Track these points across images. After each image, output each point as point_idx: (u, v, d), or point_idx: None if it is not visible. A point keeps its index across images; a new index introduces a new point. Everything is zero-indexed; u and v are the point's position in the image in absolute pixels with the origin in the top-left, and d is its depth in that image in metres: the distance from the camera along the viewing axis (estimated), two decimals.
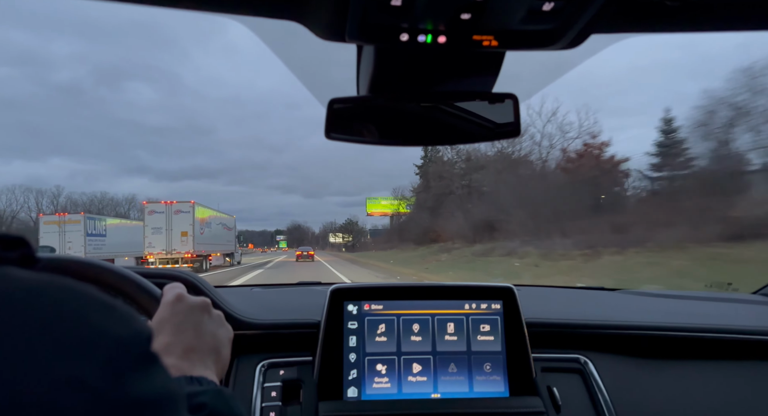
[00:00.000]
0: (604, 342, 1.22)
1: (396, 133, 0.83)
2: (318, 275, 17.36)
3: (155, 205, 22.38)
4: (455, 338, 1.10)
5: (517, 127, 0.80)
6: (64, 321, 0.30)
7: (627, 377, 1.17)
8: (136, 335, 0.34)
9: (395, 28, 0.59)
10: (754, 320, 1.38)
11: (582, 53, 0.69)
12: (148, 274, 0.86)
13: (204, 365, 0.65)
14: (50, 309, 0.30)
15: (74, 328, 0.30)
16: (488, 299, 1.14)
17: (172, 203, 22.36)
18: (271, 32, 0.80)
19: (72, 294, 0.33)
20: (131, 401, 0.30)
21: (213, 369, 0.66)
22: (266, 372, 1.09)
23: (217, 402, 0.55)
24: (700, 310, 1.53)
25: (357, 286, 1.13)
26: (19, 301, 0.30)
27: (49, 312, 0.30)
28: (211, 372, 0.65)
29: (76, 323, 0.31)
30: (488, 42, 0.61)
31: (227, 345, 0.72)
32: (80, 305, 0.32)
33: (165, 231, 21.93)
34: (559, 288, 2.03)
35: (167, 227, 22.01)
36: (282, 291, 1.71)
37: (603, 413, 1.08)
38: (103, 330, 0.32)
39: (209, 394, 0.56)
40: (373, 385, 1.07)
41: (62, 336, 0.29)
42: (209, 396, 0.55)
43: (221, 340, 0.71)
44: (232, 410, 0.56)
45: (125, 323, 0.34)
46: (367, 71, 0.74)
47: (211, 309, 0.72)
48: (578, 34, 0.61)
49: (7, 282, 0.31)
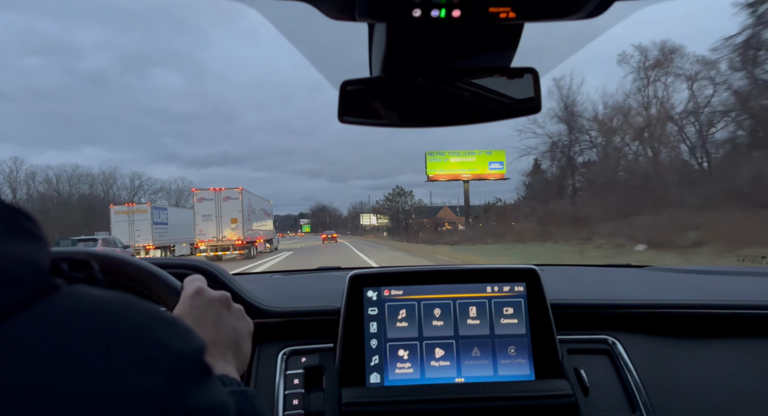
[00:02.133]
0: (632, 321, 1.20)
1: (411, 114, 0.80)
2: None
3: (204, 193, 22.62)
4: (478, 322, 1.09)
5: (538, 103, 0.77)
6: (132, 336, 0.33)
7: (657, 357, 1.14)
8: (194, 349, 0.37)
9: (407, 3, 0.56)
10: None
11: (604, 22, 0.65)
12: (166, 265, 0.86)
13: (224, 360, 0.65)
14: (119, 325, 0.33)
15: (141, 343, 0.33)
16: (511, 281, 1.12)
17: (220, 190, 22.60)
18: (281, 14, 0.78)
19: (137, 310, 0.35)
20: (191, 411, 0.34)
21: (233, 363, 0.66)
22: (288, 359, 1.09)
23: (241, 404, 0.54)
24: (732, 286, 1.48)
25: (376, 272, 1.12)
26: (92, 317, 0.33)
27: (119, 327, 0.33)
28: (231, 367, 0.65)
29: (142, 338, 0.34)
30: (505, 14, 0.58)
31: (248, 339, 0.72)
32: (145, 321, 0.35)
33: (215, 218, 22.23)
34: (584, 266, 1.99)
35: (217, 214, 22.29)
36: (302, 277, 1.71)
37: (633, 394, 1.06)
38: (166, 345, 0.35)
39: (234, 395, 0.55)
40: (396, 371, 1.06)
41: (131, 351, 0.32)
42: (234, 397, 0.55)
43: (242, 334, 0.70)
44: (257, 411, 0.56)
45: (184, 338, 0.37)
46: (380, 51, 0.72)
47: (231, 303, 0.71)
48: (600, 3, 0.58)
49: (81, 299, 0.34)
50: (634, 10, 0.69)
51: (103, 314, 0.33)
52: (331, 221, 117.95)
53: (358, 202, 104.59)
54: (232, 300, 0.73)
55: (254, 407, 0.56)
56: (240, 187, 22.76)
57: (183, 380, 0.34)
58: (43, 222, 0.37)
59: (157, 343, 0.34)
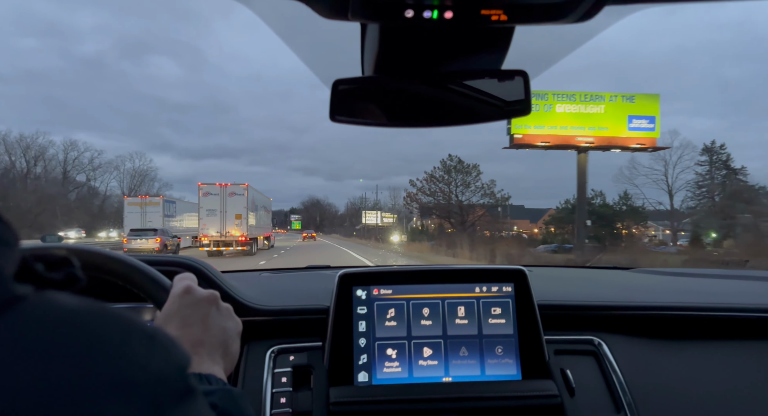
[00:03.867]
0: (618, 323, 1.21)
1: (403, 114, 0.81)
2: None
3: (210, 187, 22.71)
4: (466, 321, 1.10)
5: (528, 105, 0.77)
6: (108, 357, 0.29)
7: (642, 358, 1.16)
8: (177, 368, 0.34)
9: (400, 3, 0.56)
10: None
11: (595, 26, 0.66)
12: (155, 262, 0.86)
13: (212, 360, 0.65)
14: (93, 344, 0.29)
15: (118, 365, 0.29)
16: (499, 282, 1.12)
17: (226, 185, 22.71)
18: (273, 12, 0.78)
19: (114, 324, 0.32)
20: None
21: (221, 363, 0.66)
22: (276, 358, 1.09)
23: (227, 403, 0.55)
24: (716, 288, 1.50)
25: (366, 271, 1.13)
26: (60, 335, 0.28)
27: (92, 346, 0.29)
28: (219, 367, 0.65)
29: (119, 359, 0.30)
30: (497, 16, 0.58)
31: (236, 339, 0.72)
32: (123, 337, 0.31)
33: (219, 214, 22.35)
34: (572, 267, 2.01)
35: (221, 209, 22.42)
36: (291, 275, 1.71)
37: (618, 395, 1.07)
38: (146, 366, 0.31)
39: (219, 394, 0.56)
40: (384, 370, 1.06)
41: (107, 375, 0.28)
42: (219, 396, 0.55)
43: (230, 334, 0.70)
44: (242, 411, 0.56)
45: (166, 355, 0.34)
46: (372, 51, 0.72)
47: (219, 303, 0.71)
48: (591, 7, 0.58)
49: (49, 312, 0.30)
50: (624, 14, 0.70)
51: (75, 330, 0.29)
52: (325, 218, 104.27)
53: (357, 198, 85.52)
54: (221, 299, 0.72)
55: (239, 407, 0.56)
56: (246, 183, 22.87)
57: (164, 406, 0.30)
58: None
59: (137, 364, 0.30)
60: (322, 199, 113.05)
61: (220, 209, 22.37)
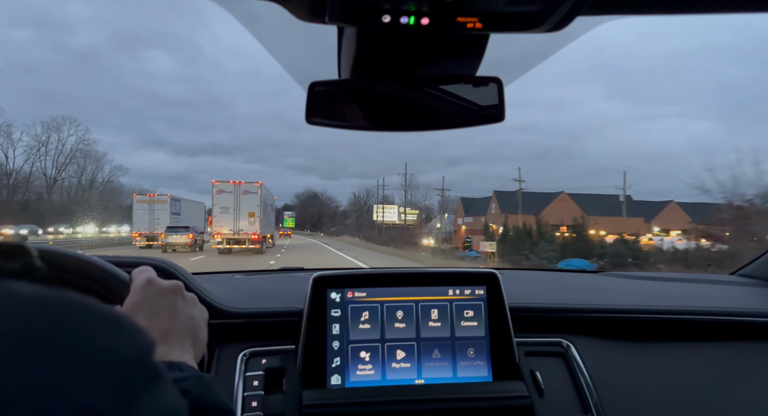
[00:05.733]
0: (586, 325, 1.24)
1: (378, 118, 0.81)
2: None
3: (224, 185, 22.83)
4: (439, 324, 1.10)
5: (502, 111, 0.79)
6: (73, 342, 0.29)
7: (609, 360, 1.19)
8: (144, 351, 0.34)
9: (377, 8, 0.57)
10: (732, 301, 1.41)
11: (566, 36, 0.68)
12: (118, 263, 0.84)
13: (182, 348, 0.64)
14: (57, 329, 0.29)
15: (84, 350, 0.29)
16: (472, 285, 1.14)
17: (240, 183, 22.84)
18: (250, 13, 0.78)
19: (77, 311, 0.31)
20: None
21: (191, 351, 0.66)
22: (248, 361, 1.08)
23: (200, 389, 0.54)
24: (682, 292, 1.55)
25: (340, 274, 1.12)
26: (23, 321, 0.28)
27: (57, 332, 0.29)
28: (189, 355, 0.65)
29: (85, 344, 0.29)
30: (472, 24, 0.60)
31: (204, 327, 0.72)
32: (87, 323, 0.31)
33: (233, 211, 22.43)
34: (543, 271, 2.05)
35: (235, 207, 22.52)
36: (264, 277, 1.69)
37: (585, 396, 1.10)
38: (112, 350, 0.31)
39: (191, 380, 0.55)
40: (357, 372, 1.06)
41: (72, 360, 0.28)
42: (191, 382, 0.55)
43: (197, 322, 0.70)
44: (216, 396, 0.56)
45: (132, 339, 0.33)
46: (349, 54, 0.73)
47: (183, 292, 0.71)
48: (563, 17, 0.60)
49: (10, 301, 0.29)
50: (596, 24, 0.72)
51: (37, 316, 0.29)
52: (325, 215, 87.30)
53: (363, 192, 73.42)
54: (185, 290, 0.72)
55: (213, 392, 0.56)
56: (260, 182, 23.09)
57: (133, 389, 0.30)
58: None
59: (103, 348, 0.30)
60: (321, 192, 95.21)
61: (233, 207, 22.52)
